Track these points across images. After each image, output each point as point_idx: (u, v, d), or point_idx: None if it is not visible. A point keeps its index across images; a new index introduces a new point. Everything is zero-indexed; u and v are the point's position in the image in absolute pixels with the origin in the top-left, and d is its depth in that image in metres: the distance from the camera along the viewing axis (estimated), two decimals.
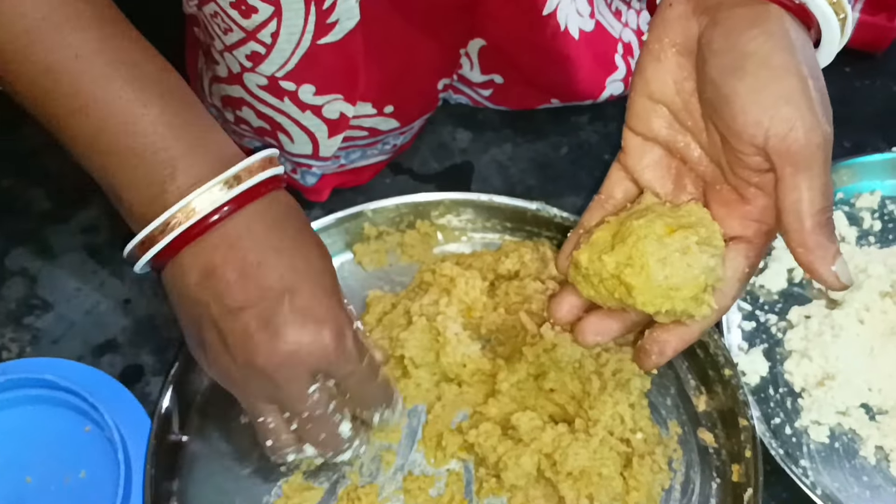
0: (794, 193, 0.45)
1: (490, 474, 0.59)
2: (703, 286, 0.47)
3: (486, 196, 0.67)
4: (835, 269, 0.45)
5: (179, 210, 0.46)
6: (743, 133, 0.45)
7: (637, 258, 0.47)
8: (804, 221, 0.45)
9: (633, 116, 0.51)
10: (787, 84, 0.44)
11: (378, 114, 0.65)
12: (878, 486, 0.59)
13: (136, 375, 0.65)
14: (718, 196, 0.50)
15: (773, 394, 0.63)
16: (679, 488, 0.59)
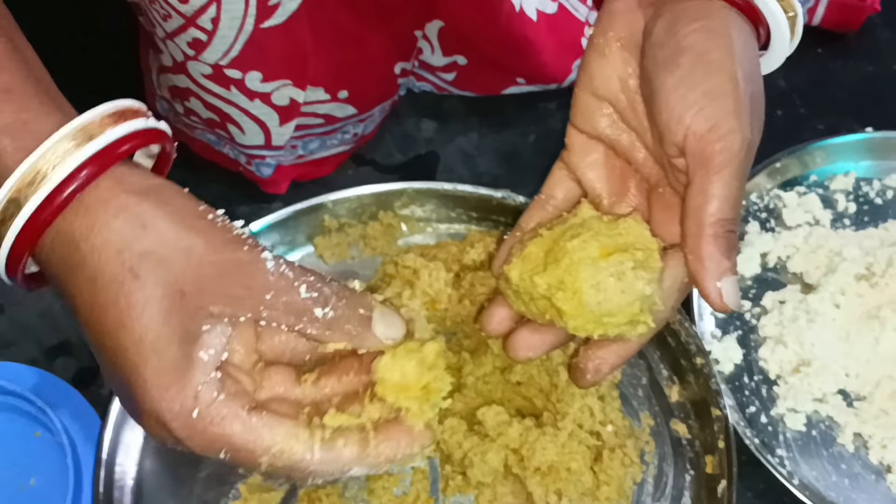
0: (699, 197, 0.42)
1: (456, 471, 0.57)
2: (637, 311, 0.45)
3: (451, 185, 0.65)
4: (720, 284, 0.42)
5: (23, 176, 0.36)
6: (666, 130, 0.43)
7: (570, 283, 0.45)
8: (702, 228, 0.42)
9: (578, 113, 0.49)
10: (717, 82, 0.42)
11: (332, 99, 0.63)
12: (857, 474, 0.58)
13: (90, 378, 0.63)
14: (661, 200, 0.48)
15: (747, 382, 0.61)
16: (652, 482, 0.57)
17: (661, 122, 0.43)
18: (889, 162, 0.70)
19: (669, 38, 0.44)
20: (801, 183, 0.69)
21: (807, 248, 0.65)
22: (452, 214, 0.67)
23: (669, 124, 0.43)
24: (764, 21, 0.45)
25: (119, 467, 0.57)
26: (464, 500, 0.57)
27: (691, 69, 0.43)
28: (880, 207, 0.68)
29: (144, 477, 0.57)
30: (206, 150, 0.69)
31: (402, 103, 0.75)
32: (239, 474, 0.57)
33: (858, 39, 0.79)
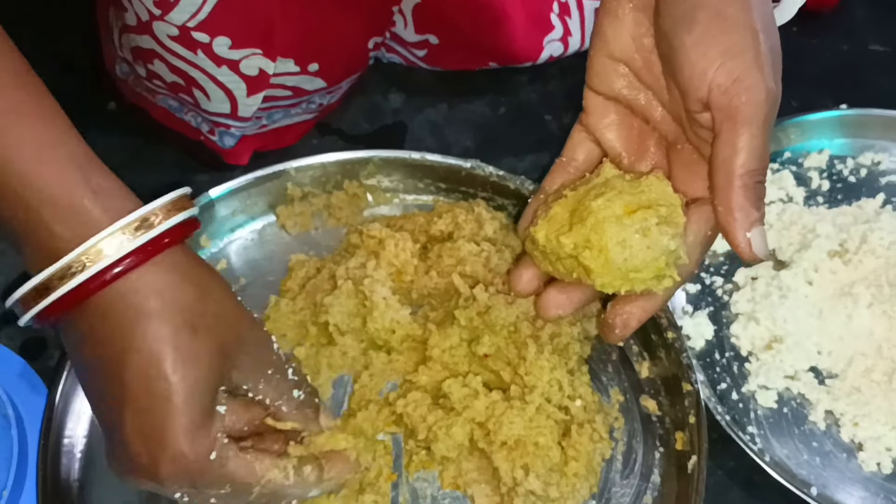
0: (727, 149, 0.43)
1: (420, 446, 0.55)
2: (663, 266, 0.46)
3: (419, 154, 0.63)
4: (750, 235, 0.43)
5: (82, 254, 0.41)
6: (689, 86, 0.43)
7: (595, 241, 0.46)
8: (732, 180, 0.43)
9: (594, 76, 0.49)
10: (737, 37, 0.43)
11: (302, 72, 0.61)
12: (828, 452, 0.57)
13: (39, 348, 0.61)
14: (680, 156, 0.48)
15: (718, 358, 0.60)
16: (621, 458, 0.56)
17: (682, 78, 0.44)
18: (863, 140, 0.69)
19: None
20: (774, 160, 0.68)
21: (780, 225, 0.64)
22: (420, 185, 0.65)
23: (692, 80, 0.43)
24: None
25: (68, 439, 0.54)
26: (427, 476, 0.55)
27: (709, 25, 0.43)
28: (854, 185, 0.67)
29: (94, 448, 0.54)
30: (167, 118, 0.67)
31: (370, 73, 0.73)
32: None
33: (834, 18, 0.78)
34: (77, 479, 0.54)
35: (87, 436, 0.55)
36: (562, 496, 0.52)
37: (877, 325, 0.59)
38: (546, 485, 0.52)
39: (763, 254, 0.44)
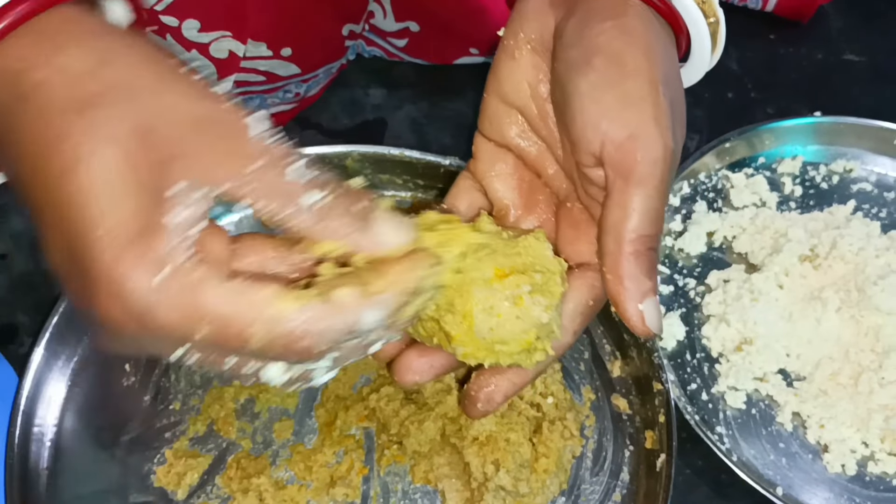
0: (618, 212, 0.39)
1: (392, 441, 0.55)
2: (533, 340, 0.41)
3: (398, 150, 0.64)
4: (642, 307, 0.39)
5: None
6: (581, 138, 0.39)
7: (460, 305, 0.40)
8: (622, 245, 0.39)
9: (486, 120, 0.45)
10: (635, 86, 0.39)
11: (275, 56, 0.60)
12: (794, 454, 0.58)
13: (10, 335, 0.60)
14: (569, 215, 0.44)
15: (689, 359, 0.61)
16: (591, 456, 0.56)
17: (574, 129, 0.40)
18: (836, 147, 0.70)
19: (580, 38, 0.40)
20: (749, 165, 0.69)
21: (753, 229, 0.65)
22: (398, 181, 0.65)
23: (585, 132, 0.39)
24: (683, 27, 0.43)
25: (38, 428, 0.54)
26: (399, 471, 0.55)
27: (606, 71, 0.39)
28: (825, 192, 0.68)
29: (64, 437, 0.54)
30: None
31: (351, 68, 0.73)
32: (165, 438, 0.55)
33: (810, 27, 0.79)
34: (46, 467, 0.53)
35: (57, 424, 0.54)
36: (532, 492, 0.53)
37: (844, 330, 0.60)
38: (516, 480, 0.52)
39: (657, 328, 0.40)
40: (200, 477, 0.54)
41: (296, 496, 0.54)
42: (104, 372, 0.56)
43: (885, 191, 0.69)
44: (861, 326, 0.60)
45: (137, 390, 0.56)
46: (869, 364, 0.59)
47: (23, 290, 0.62)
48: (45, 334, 0.55)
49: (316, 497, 0.54)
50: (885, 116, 0.70)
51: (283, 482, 0.54)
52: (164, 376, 0.57)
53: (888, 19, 0.81)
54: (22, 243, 0.63)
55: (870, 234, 0.64)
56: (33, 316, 0.61)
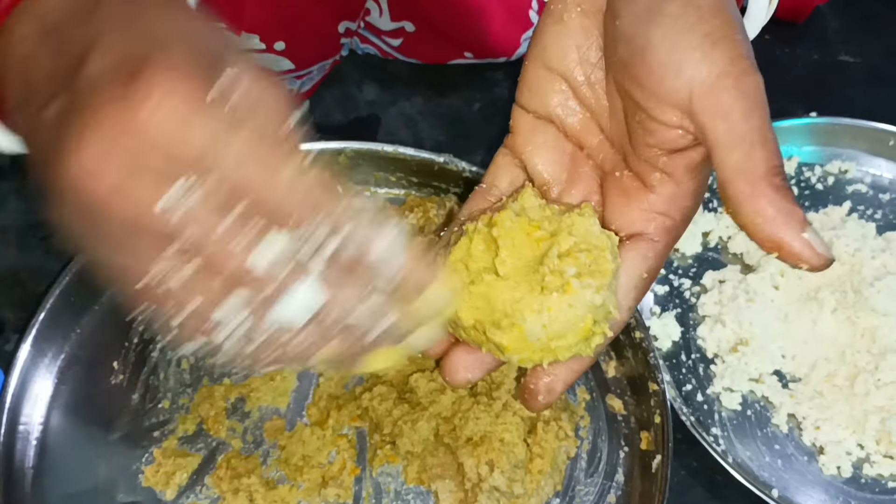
0: (738, 152, 0.35)
1: (385, 441, 0.55)
2: (590, 326, 0.38)
3: (391, 147, 0.63)
4: (807, 236, 0.35)
5: None
6: (661, 89, 0.37)
7: (502, 312, 0.37)
8: (758, 183, 0.35)
9: (526, 90, 0.43)
10: (716, 24, 0.36)
11: (267, 49, 0.60)
12: (789, 455, 0.57)
13: None
14: (617, 184, 0.41)
15: (685, 360, 0.60)
16: (585, 457, 0.56)
17: (651, 83, 0.37)
18: (831, 148, 0.70)
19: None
20: None
21: None
22: (392, 178, 0.64)
23: (666, 82, 0.37)
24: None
25: (23, 426, 0.53)
26: (391, 471, 0.54)
27: (681, 16, 0.37)
28: (821, 193, 0.68)
29: (50, 436, 0.53)
30: None
31: (345, 64, 0.72)
32: (154, 437, 0.54)
33: (806, 28, 0.79)
34: (32, 466, 0.52)
35: (43, 422, 0.53)
36: (526, 493, 0.52)
37: (840, 331, 0.60)
38: (510, 481, 0.52)
39: (828, 252, 0.36)
40: (190, 476, 0.53)
41: (286, 496, 0.53)
42: (91, 370, 0.55)
43: (881, 192, 0.68)
44: (857, 328, 0.60)
45: (125, 388, 0.55)
46: (865, 365, 0.58)
47: (9, 286, 0.61)
48: (31, 331, 0.54)
49: (307, 497, 0.53)
50: (881, 118, 0.70)
51: (273, 482, 0.53)
52: (152, 374, 0.56)
53: (884, 21, 0.80)
54: (8, 239, 0.62)
55: (865, 235, 0.64)
56: (19, 312, 0.60)
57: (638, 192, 0.40)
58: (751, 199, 0.36)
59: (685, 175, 0.39)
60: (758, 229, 0.36)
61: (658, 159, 0.39)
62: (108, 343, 0.57)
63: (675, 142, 0.38)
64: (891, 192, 0.68)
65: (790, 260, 0.36)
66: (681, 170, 0.39)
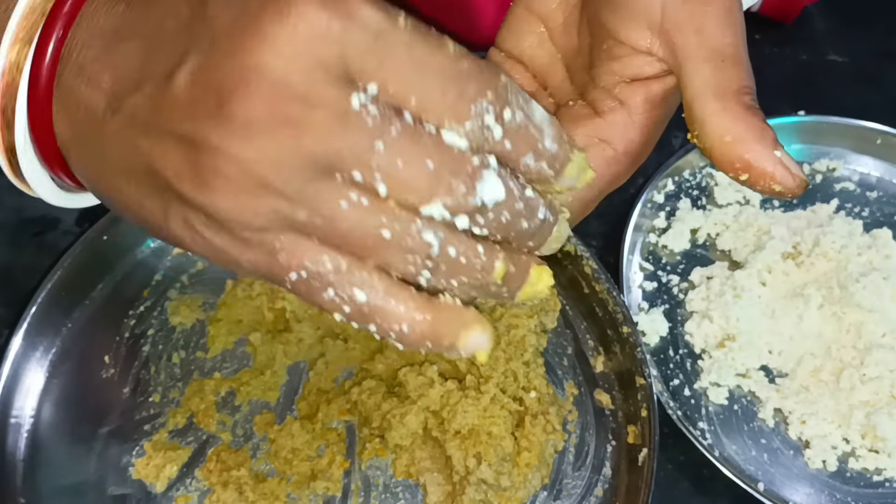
0: (708, 65, 0.34)
1: (374, 434, 0.55)
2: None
3: None
4: (779, 155, 0.34)
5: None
6: (632, 12, 0.36)
7: None
8: (729, 100, 0.34)
9: (505, 30, 0.42)
10: None
11: None
12: (775, 450, 0.58)
13: None
14: (567, 113, 0.39)
15: (672, 355, 0.61)
16: (573, 451, 0.56)
17: (623, 5, 0.36)
18: (819, 146, 0.71)
19: None
20: None
21: (736, 226, 0.65)
22: None
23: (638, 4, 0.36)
24: None
25: (14, 419, 0.53)
26: (380, 464, 0.55)
27: None
28: (809, 190, 0.69)
29: (41, 428, 0.54)
30: None
31: None
32: (144, 431, 0.54)
33: (795, 29, 0.79)
34: (23, 459, 0.53)
35: (34, 415, 0.54)
36: (513, 486, 0.53)
37: (826, 327, 0.60)
38: (498, 474, 0.52)
39: (802, 173, 0.35)
40: (179, 469, 0.54)
41: (276, 489, 0.53)
42: (83, 363, 0.56)
43: (868, 190, 0.69)
44: (843, 323, 0.60)
45: (117, 382, 0.56)
46: (850, 360, 0.59)
47: (1, 281, 0.61)
48: (23, 324, 0.54)
49: (296, 490, 0.53)
50: (868, 117, 0.70)
51: (263, 475, 0.54)
52: (143, 368, 0.57)
53: (872, 22, 0.81)
54: (2, 235, 0.63)
55: (852, 232, 0.64)
56: (11, 307, 0.60)
57: (585, 118, 0.38)
58: (718, 116, 0.34)
59: (640, 106, 0.37)
60: (726, 149, 0.34)
61: (616, 86, 0.38)
62: (100, 337, 0.57)
63: (640, 68, 0.37)
64: (878, 189, 0.69)
65: (761, 182, 0.34)
66: (637, 99, 0.37)
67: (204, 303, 0.60)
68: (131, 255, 0.60)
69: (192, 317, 0.59)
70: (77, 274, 0.57)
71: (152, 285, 0.60)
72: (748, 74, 0.35)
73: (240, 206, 0.28)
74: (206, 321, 0.59)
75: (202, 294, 0.60)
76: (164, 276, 0.60)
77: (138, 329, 0.58)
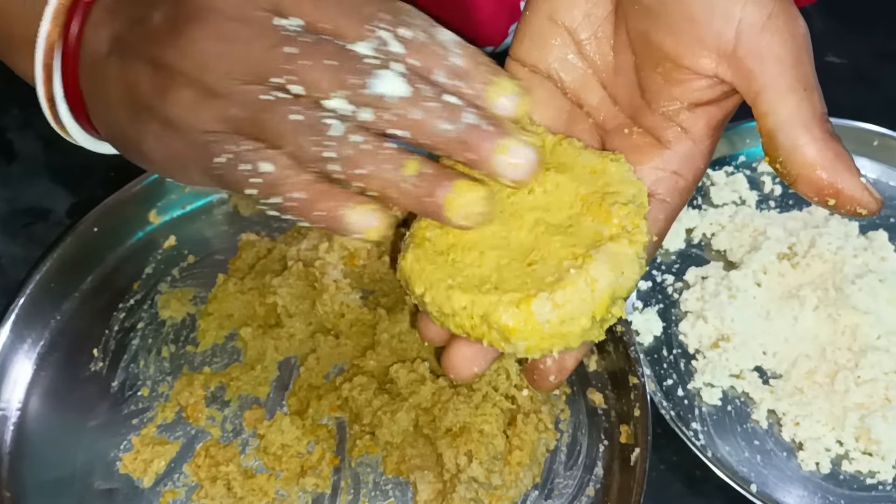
0: (793, 96, 0.34)
1: (364, 431, 0.54)
2: (607, 305, 0.34)
3: None
4: (864, 181, 0.35)
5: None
6: (701, 32, 0.35)
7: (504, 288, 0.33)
8: (813, 131, 0.34)
9: (525, 40, 0.40)
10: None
11: None
12: (769, 451, 0.57)
13: None
14: (626, 142, 0.39)
15: (666, 355, 0.60)
16: (565, 450, 0.56)
17: (689, 28, 0.36)
18: None
19: None
20: (729, 163, 0.69)
21: (732, 227, 0.65)
22: None
23: (707, 25, 0.35)
24: None
25: (1, 411, 0.53)
26: (370, 462, 0.54)
27: None
28: None
29: (28, 421, 0.53)
30: None
31: None
32: (132, 425, 0.54)
33: None
34: (9, 451, 0.52)
35: (21, 407, 0.53)
36: (504, 484, 0.52)
37: (821, 328, 0.60)
38: (489, 472, 0.52)
39: (877, 193, 0.35)
40: (168, 464, 0.53)
41: (265, 485, 0.53)
42: (71, 356, 0.55)
43: None
44: (838, 325, 0.60)
45: (105, 376, 0.55)
46: (845, 363, 0.58)
47: None
48: (10, 316, 0.54)
49: (285, 487, 0.53)
50: (866, 118, 0.70)
51: (252, 471, 0.53)
52: (132, 362, 0.56)
53: (870, 23, 0.81)
54: None
55: (848, 234, 0.64)
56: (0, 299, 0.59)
57: (651, 148, 0.38)
58: (808, 146, 0.34)
59: (704, 132, 0.38)
60: (815, 177, 0.35)
61: (678, 114, 0.37)
62: (89, 330, 0.57)
63: (702, 93, 0.37)
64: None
65: (847, 205, 0.35)
66: (700, 126, 0.37)
67: (195, 297, 0.59)
68: (122, 247, 0.60)
69: (182, 310, 0.58)
70: (67, 266, 0.57)
71: (143, 278, 0.59)
72: (823, 101, 0.36)
73: (190, 109, 0.35)
74: (197, 315, 0.58)
75: (193, 288, 0.59)
76: (155, 270, 0.60)
77: (128, 322, 0.58)
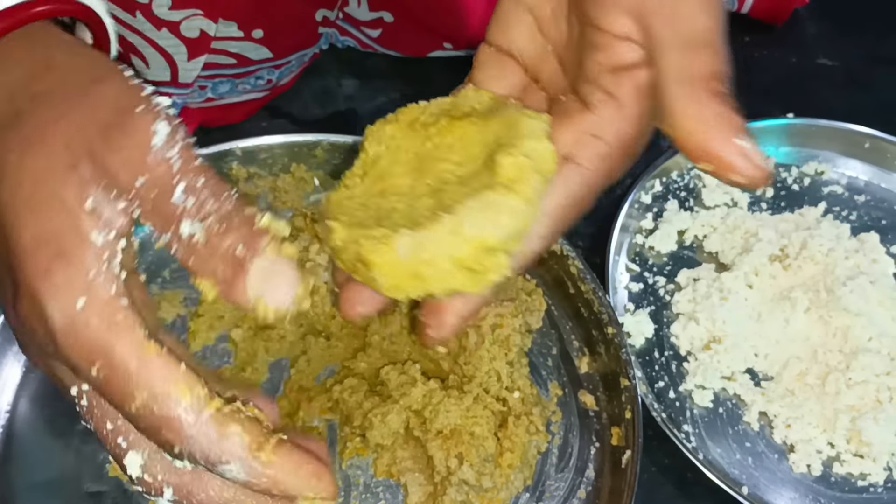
0: (681, 52, 0.34)
1: (355, 433, 0.54)
2: (476, 255, 0.32)
3: None
4: (741, 143, 0.33)
5: None
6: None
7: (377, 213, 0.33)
8: (695, 87, 0.33)
9: (494, 24, 0.42)
10: None
11: (245, 37, 0.60)
12: (760, 453, 0.57)
13: None
14: (559, 108, 0.39)
15: (657, 357, 0.60)
16: (556, 452, 0.56)
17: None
18: (807, 150, 0.70)
19: None
20: None
21: (724, 229, 0.65)
22: None
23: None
24: None
25: None
26: (361, 464, 0.54)
27: None
28: (797, 193, 0.68)
29: (17, 423, 0.53)
30: None
31: (324, 57, 0.72)
32: None
33: (785, 31, 0.79)
34: None
35: (10, 410, 0.53)
36: (495, 487, 0.52)
37: (813, 330, 0.60)
38: (480, 475, 0.51)
39: (767, 164, 0.34)
40: None
41: None
42: None
43: (856, 194, 0.69)
44: (829, 327, 0.60)
45: None
46: (836, 365, 0.58)
47: None
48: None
49: None
50: (858, 120, 0.70)
51: None
52: None
53: (862, 25, 0.81)
54: None
55: (839, 235, 0.64)
56: None
57: (576, 112, 0.38)
58: (683, 102, 0.33)
59: (630, 97, 0.37)
60: (688, 137, 0.33)
61: (603, 77, 0.37)
62: None
63: (622, 56, 0.36)
64: (866, 193, 0.69)
65: (722, 172, 0.33)
66: (626, 90, 0.37)
67: (185, 298, 0.59)
68: None
69: (173, 312, 0.58)
70: None
71: None
72: (721, 60, 0.34)
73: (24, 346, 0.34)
74: (188, 317, 0.58)
75: (184, 289, 0.59)
76: (146, 271, 0.60)
77: None
